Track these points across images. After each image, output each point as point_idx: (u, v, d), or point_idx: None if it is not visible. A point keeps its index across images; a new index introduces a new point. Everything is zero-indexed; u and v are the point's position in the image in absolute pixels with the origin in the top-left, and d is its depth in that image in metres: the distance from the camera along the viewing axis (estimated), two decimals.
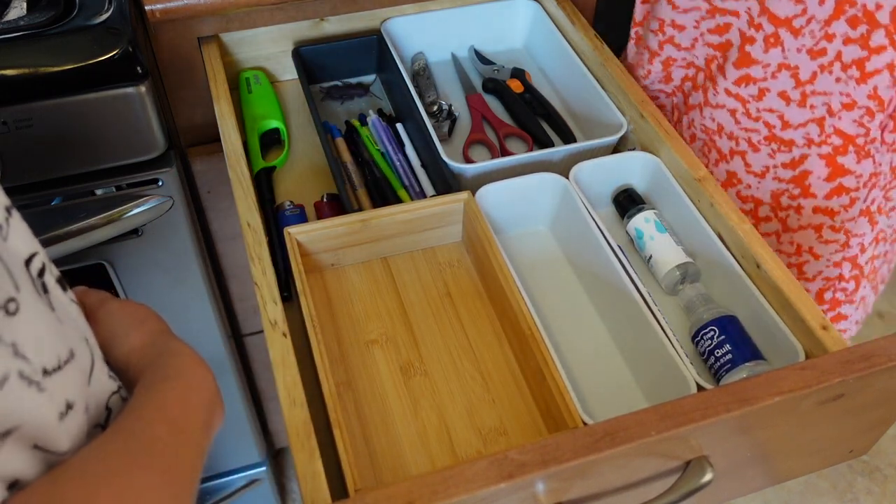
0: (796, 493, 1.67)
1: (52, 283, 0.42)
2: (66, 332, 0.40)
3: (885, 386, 0.61)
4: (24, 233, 0.40)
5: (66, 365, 0.39)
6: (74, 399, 0.39)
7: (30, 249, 0.40)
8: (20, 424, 0.35)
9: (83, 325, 0.45)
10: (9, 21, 0.83)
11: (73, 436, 0.39)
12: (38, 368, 0.36)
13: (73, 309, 0.44)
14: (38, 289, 0.39)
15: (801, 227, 0.91)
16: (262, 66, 1.02)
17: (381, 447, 0.67)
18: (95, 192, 0.90)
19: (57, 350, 0.38)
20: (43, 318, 0.38)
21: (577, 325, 0.77)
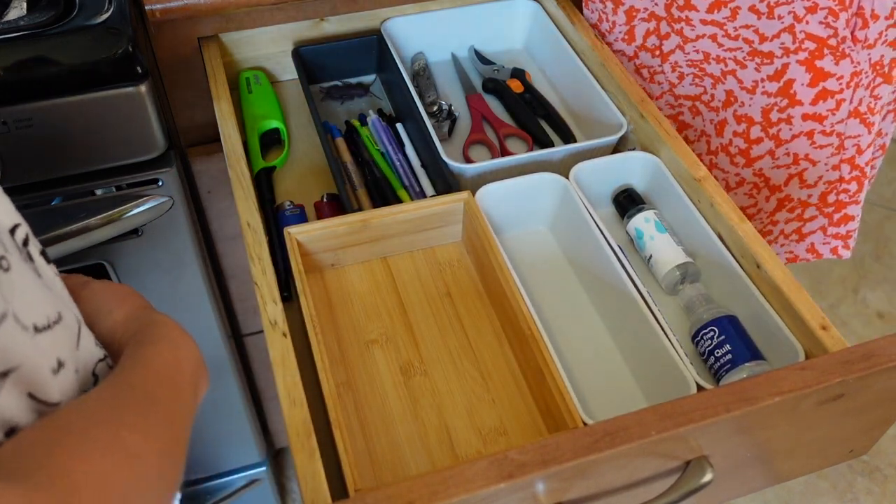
0: (796, 493, 1.67)
1: (37, 254, 0.43)
2: (53, 297, 0.41)
3: (885, 386, 0.61)
4: (6, 205, 0.41)
5: (55, 325, 0.39)
6: (65, 359, 0.40)
7: (13, 220, 0.41)
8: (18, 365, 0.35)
9: (67, 297, 0.45)
10: (9, 21, 0.83)
11: (65, 392, 0.40)
12: (29, 325, 0.37)
13: (58, 283, 0.45)
14: (24, 256, 0.40)
15: (795, 137, 0.93)
16: (262, 66, 1.02)
17: (381, 447, 0.67)
18: (95, 192, 0.90)
19: (46, 311, 0.39)
20: (31, 280, 0.39)
21: (577, 325, 0.77)
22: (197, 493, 1.39)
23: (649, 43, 0.99)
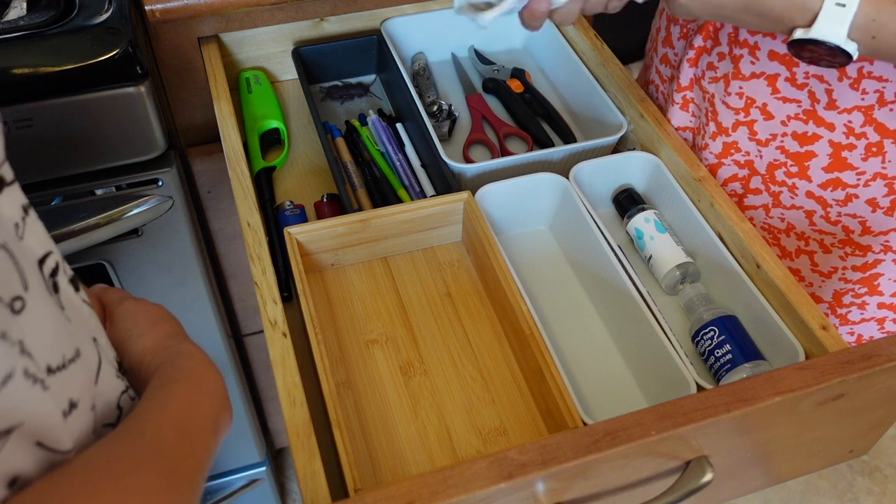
0: (796, 493, 1.67)
1: (65, 282, 0.42)
2: (74, 331, 0.41)
3: (885, 386, 0.61)
4: (39, 232, 0.40)
5: (70, 364, 0.39)
6: (79, 398, 0.39)
7: (44, 249, 0.40)
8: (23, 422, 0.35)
9: (94, 324, 0.45)
10: (9, 21, 0.83)
11: (77, 435, 0.39)
12: (42, 366, 0.36)
13: (85, 309, 0.44)
14: (49, 288, 0.39)
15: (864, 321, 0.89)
16: (262, 66, 1.02)
17: (381, 447, 0.67)
18: (95, 192, 0.90)
19: (62, 349, 0.38)
20: (50, 317, 0.38)
21: (577, 325, 0.77)
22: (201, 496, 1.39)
23: (728, 188, 0.89)
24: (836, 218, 0.83)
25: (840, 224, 0.83)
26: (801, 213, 0.84)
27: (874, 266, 0.85)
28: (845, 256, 0.85)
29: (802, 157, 0.81)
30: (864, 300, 0.87)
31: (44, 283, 0.39)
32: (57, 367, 0.37)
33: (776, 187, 0.84)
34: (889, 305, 0.87)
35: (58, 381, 0.37)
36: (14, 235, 0.38)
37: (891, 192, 0.79)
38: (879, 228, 0.82)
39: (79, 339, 0.41)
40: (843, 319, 0.91)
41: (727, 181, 0.88)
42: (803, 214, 0.84)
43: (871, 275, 0.85)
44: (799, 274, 0.89)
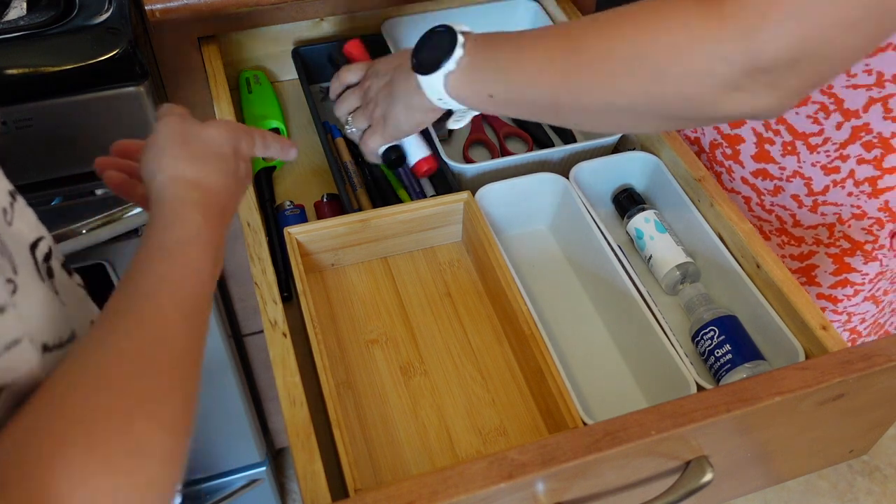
0: (796, 493, 1.67)
1: (58, 267, 0.42)
2: (69, 314, 0.41)
3: (885, 386, 0.61)
4: (29, 217, 0.40)
5: (67, 344, 0.39)
6: None
7: (35, 234, 0.40)
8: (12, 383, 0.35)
9: (90, 307, 0.45)
10: (9, 21, 0.83)
11: None
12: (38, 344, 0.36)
13: (80, 292, 0.44)
14: (43, 273, 0.40)
15: None
16: (262, 66, 1.02)
17: (381, 447, 0.67)
18: (95, 192, 0.90)
19: (58, 330, 0.38)
20: (43, 300, 0.38)
21: (577, 325, 0.77)
22: (197, 493, 1.39)
23: None
24: (770, 207, 0.86)
25: (774, 213, 0.87)
26: (740, 198, 0.88)
27: (809, 257, 0.87)
28: (783, 245, 0.88)
29: (734, 140, 0.85)
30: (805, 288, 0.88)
31: (36, 267, 0.39)
32: (53, 346, 0.37)
33: (717, 167, 0.89)
34: (827, 297, 0.89)
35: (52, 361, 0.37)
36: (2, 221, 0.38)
37: (810, 192, 0.82)
38: (808, 223, 0.85)
39: (74, 323, 0.41)
40: None
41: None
42: (742, 200, 0.88)
43: (808, 265, 0.87)
44: None
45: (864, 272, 0.85)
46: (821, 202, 0.82)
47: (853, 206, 0.81)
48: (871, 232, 0.82)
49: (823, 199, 0.82)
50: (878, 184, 0.78)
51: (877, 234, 0.82)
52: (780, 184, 0.84)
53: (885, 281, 0.89)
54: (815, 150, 0.79)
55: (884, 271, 0.86)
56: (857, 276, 0.86)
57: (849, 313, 0.91)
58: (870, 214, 0.81)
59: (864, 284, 0.87)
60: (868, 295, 0.89)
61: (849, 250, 0.84)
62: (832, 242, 0.84)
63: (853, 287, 0.87)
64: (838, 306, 0.89)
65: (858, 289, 0.87)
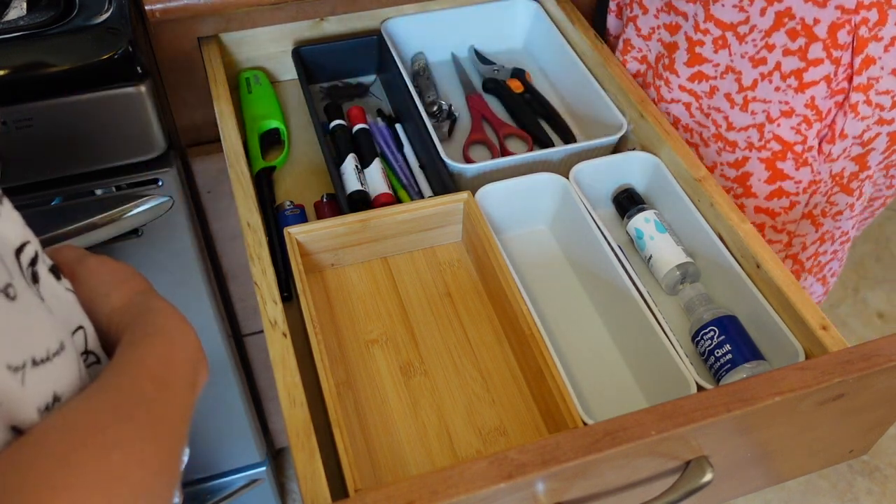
0: (796, 493, 1.67)
1: (45, 271, 0.41)
2: (57, 323, 0.40)
3: (885, 386, 0.61)
4: (15, 221, 0.39)
5: (55, 357, 0.38)
6: (63, 392, 0.39)
7: (21, 238, 0.39)
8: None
9: (79, 312, 0.44)
10: (9, 21, 0.83)
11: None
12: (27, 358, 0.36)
13: (69, 297, 0.43)
14: (28, 279, 0.39)
15: None
16: (262, 66, 1.02)
17: (381, 447, 0.67)
18: (95, 192, 0.90)
19: (46, 342, 0.38)
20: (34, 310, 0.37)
21: (577, 325, 0.77)
22: (197, 493, 1.39)
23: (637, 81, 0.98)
24: (707, 110, 0.89)
25: (710, 117, 0.89)
26: (680, 107, 0.92)
27: (744, 163, 0.88)
28: (720, 151, 0.90)
29: (671, 48, 0.91)
30: (741, 202, 0.90)
31: (21, 274, 0.38)
32: (41, 360, 0.37)
33: (658, 80, 0.92)
34: (765, 210, 0.90)
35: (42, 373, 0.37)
36: None
37: (740, 87, 0.85)
38: (740, 125, 0.87)
39: (62, 333, 0.40)
40: None
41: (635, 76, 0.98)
42: (682, 107, 0.92)
43: (743, 173, 0.89)
44: None
45: (798, 179, 0.86)
46: (750, 98, 0.84)
47: (781, 101, 0.82)
48: (799, 131, 0.83)
49: (753, 96, 0.84)
50: (803, 77, 0.80)
51: (805, 134, 0.83)
52: (714, 83, 0.87)
53: (819, 196, 0.89)
54: (744, 41, 0.82)
55: (816, 180, 0.87)
56: (791, 183, 0.87)
57: (788, 232, 0.91)
58: (797, 112, 0.82)
59: (798, 195, 0.87)
60: (805, 211, 0.90)
61: (780, 153, 0.85)
62: (763, 145, 0.86)
63: (789, 198, 0.88)
64: (777, 220, 0.90)
65: (794, 200, 0.88)
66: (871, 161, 0.88)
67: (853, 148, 0.85)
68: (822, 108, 0.81)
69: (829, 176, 0.88)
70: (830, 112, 0.82)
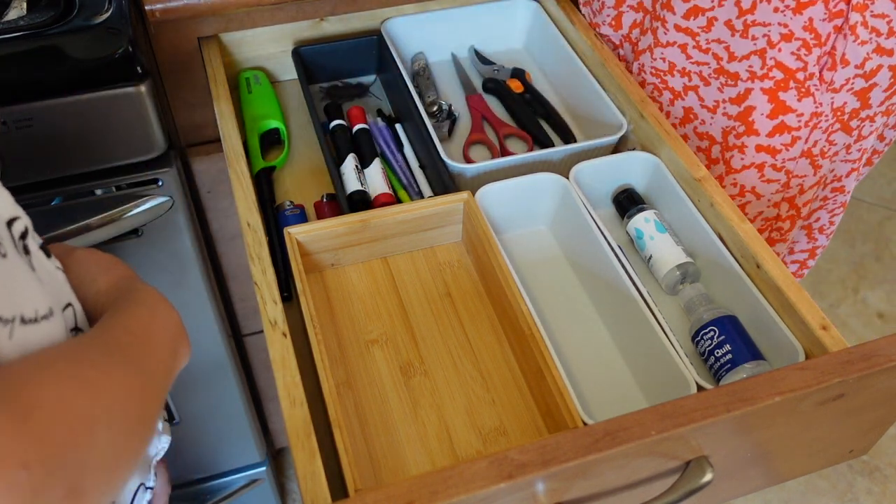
0: (796, 493, 1.67)
1: (35, 248, 0.42)
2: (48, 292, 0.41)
3: (885, 386, 0.61)
4: (5, 197, 0.41)
5: (42, 320, 0.39)
6: None
7: (11, 213, 0.41)
8: None
9: (69, 291, 0.45)
10: (9, 21, 0.83)
11: None
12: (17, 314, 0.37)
13: (59, 276, 0.45)
14: (19, 249, 0.40)
15: (745, 167, 0.92)
16: (262, 66, 1.02)
17: (381, 447, 0.67)
18: (95, 192, 0.90)
19: (36, 304, 0.39)
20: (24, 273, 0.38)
21: (577, 325, 0.77)
22: (197, 493, 1.39)
23: (633, 35, 0.98)
24: (706, 46, 0.88)
25: (710, 52, 0.88)
26: (676, 49, 0.91)
27: (746, 97, 0.88)
28: (722, 87, 0.89)
29: None
30: (743, 141, 0.90)
31: (13, 243, 0.39)
32: (29, 320, 0.38)
33: (655, 23, 0.91)
34: (766, 148, 0.89)
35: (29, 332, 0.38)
36: None
37: (740, 12, 0.84)
38: (741, 53, 0.86)
39: (52, 302, 0.41)
40: (727, 167, 0.93)
41: (631, 28, 0.97)
42: (678, 50, 0.91)
43: (746, 108, 0.88)
44: (692, 112, 0.94)
45: (800, 111, 0.86)
46: (750, 22, 0.83)
47: (780, 23, 0.82)
48: (800, 57, 0.83)
49: (753, 19, 0.83)
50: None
51: (806, 60, 0.83)
52: (711, 14, 0.86)
53: (819, 132, 0.89)
54: None
55: (818, 112, 0.86)
56: (793, 116, 0.86)
57: (787, 171, 0.91)
58: (797, 35, 0.81)
59: (800, 129, 0.87)
60: (805, 148, 0.89)
61: (782, 82, 0.84)
62: (765, 74, 0.85)
63: (790, 133, 0.87)
64: (777, 158, 0.89)
65: (795, 136, 0.87)
66: (874, 99, 0.87)
67: (856, 80, 0.85)
68: (821, 32, 0.81)
69: (831, 110, 0.87)
70: (830, 37, 0.81)
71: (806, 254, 1.10)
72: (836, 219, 1.06)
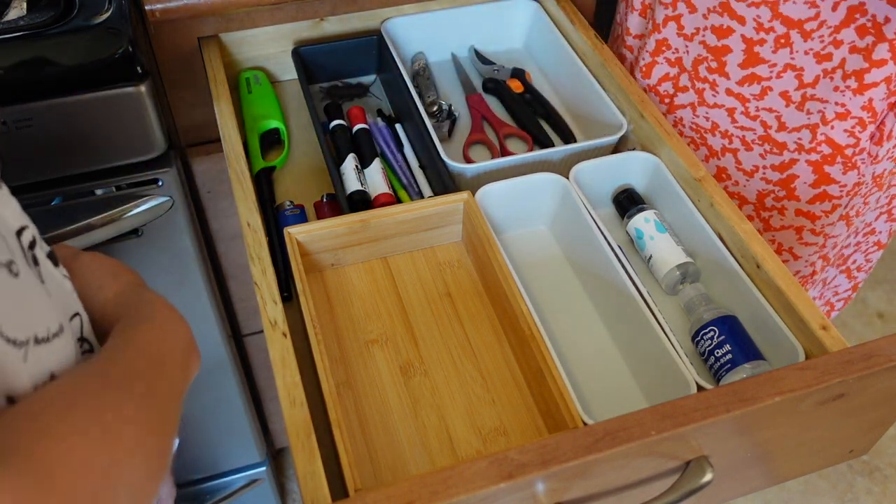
0: (796, 493, 1.67)
1: (43, 256, 0.42)
2: (56, 305, 0.40)
3: (885, 386, 0.61)
4: (13, 206, 0.40)
5: (54, 338, 0.39)
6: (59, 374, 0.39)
7: (20, 222, 0.40)
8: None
9: (75, 299, 0.45)
10: (9, 21, 0.83)
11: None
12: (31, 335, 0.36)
13: (66, 284, 0.44)
14: (29, 261, 0.39)
15: (784, 228, 0.92)
16: (262, 66, 1.02)
17: (381, 447, 0.67)
18: (95, 192, 0.90)
19: (48, 321, 0.38)
20: (35, 290, 0.38)
21: (577, 325, 0.77)
22: (197, 493, 1.39)
23: (662, 88, 0.97)
24: (755, 113, 0.88)
25: (759, 119, 0.88)
26: (723, 112, 0.90)
27: (790, 166, 0.88)
28: (765, 154, 0.89)
29: (720, 52, 0.87)
30: (783, 204, 0.90)
31: (23, 255, 0.39)
32: (42, 339, 0.37)
33: (700, 84, 0.90)
34: (806, 213, 0.89)
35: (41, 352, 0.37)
36: None
37: (801, 84, 0.83)
38: (792, 125, 0.86)
39: (61, 316, 0.41)
40: (765, 224, 0.93)
41: (661, 80, 0.95)
42: (725, 113, 0.90)
43: (788, 176, 0.88)
44: (726, 172, 0.94)
45: (843, 183, 0.86)
46: (809, 96, 0.83)
47: (838, 102, 0.82)
48: (853, 134, 0.83)
49: (812, 93, 0.83)
50: (864, 78, 0.79)
51: (859, 137, 0.83)
52: (767, 84, 0.85)
53: (859, 198, 0.89)
54: (810, 37, 0.80)
55: (860, 182, 0.87)
56: (836, 187, 0.86)
57: (825, 235, 0.91)
58: (853, 114, 0.81)
59: (841, 198, 0.87)
60: (843, 213, 0.90)
61: (829, 157, 0.84)
62: (813, 147, 0.85)
63: (831, 202, 0.87)
64: (816, 224, 0.90)
65: (836, 203, 0.88)
66: None
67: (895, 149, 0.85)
68: (878, 110, 0.81)
69: (872, 178, 0.87)
70: (883, 113, 0.81)
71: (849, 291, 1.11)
72: (872, 257, 1.06)
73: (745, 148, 0.90)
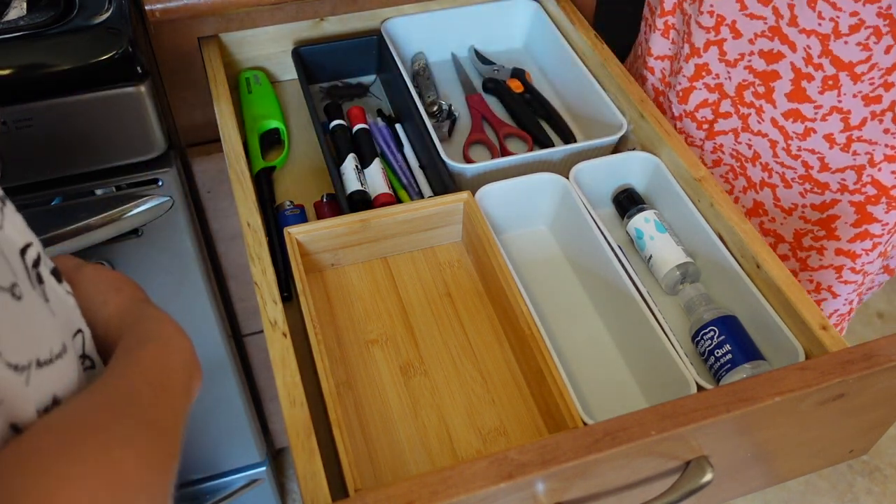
0: (796, 493, 1.67)
1: (47, 274, 0.42)
2: (59, 325, 0.40)
3: (885, 386, 0.61)
4: (18, 223, 0.40)
5: (57, 359, 0.38)
6: (62, 394, 0.39)
7: (25, 240, 0.40)
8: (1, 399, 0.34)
9: (78, 316, 0.44)
10: (9, 21, 0.83)
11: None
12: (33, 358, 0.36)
13: (70, 301, 0.44)
14: (33, 280, 0.39)
15: (822, 267, 0.90)
16: (262, 66, 1.02)
17: (381, 447, 0.67)
18: (95, 192, 0.90)
19: (51, 342, 0.38)
20: (39, 311, 0.38)
21: (577, 325, 0.77)
22: (197, 493, 1.39)
23: (699, 114, 0.93)
24: (797, 152, 0.85)
25: (800, 158, 0.85)
26: (766, 142, 0.87)
27: (831, 206, 0.86)
28: (805, 193, 0.87)
29: (768, 77, 0.84)
30: (822, 244, 0.88)
31: (27, 275, 0.38)
32: (45, 361, 0.37)
33: (745, 109, 0.87)
34: (846, 252, 0.88)
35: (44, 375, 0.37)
36: None
37: (846, 127, 0.81)
38: (836, 166, 0.84)
39: (64, 335, 0.40)
40: (802, 264, 0.92)
41: (698, 106, 0.91)
42: (768, 144, 0.87)
43: (829, 216, 0.87)
44: (763, 207, 0.92)
45: (885, 222, 0.84)
46: (855, 138, 0.81)
47: (887, 145, 0.80)
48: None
49: (859, 135, 0.80)
50: None
51: None
52: (811, 125, 0.82)
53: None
54: (860, 80, 0.78)
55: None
56: (878, 226, 0.84)
57: (864, 272, 0.89)
58: None
59: (882, 236, 0.85)
60: (882, 250, 0.88)
61: (873, 198, 0.82)
62: (858, 189, 0.83)
63: (872, 240, 0.86)
64: (856, 263, 0.88)
65: (877, 241, 0.86)
66: None
67: None
68: None
69: None
70: None
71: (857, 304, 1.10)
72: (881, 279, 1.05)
73: (783, 185, 0.88)
